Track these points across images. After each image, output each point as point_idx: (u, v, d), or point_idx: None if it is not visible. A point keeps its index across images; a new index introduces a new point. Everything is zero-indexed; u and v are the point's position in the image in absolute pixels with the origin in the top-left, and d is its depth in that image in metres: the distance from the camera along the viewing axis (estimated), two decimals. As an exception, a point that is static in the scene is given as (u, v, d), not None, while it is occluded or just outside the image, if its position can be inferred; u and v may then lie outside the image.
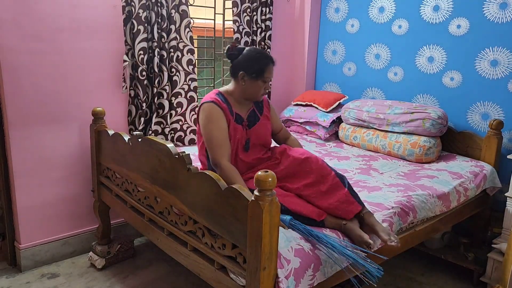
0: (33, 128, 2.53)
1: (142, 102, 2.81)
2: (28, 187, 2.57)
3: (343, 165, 2.80)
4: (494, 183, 2.79)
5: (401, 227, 2.13)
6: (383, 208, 2.08)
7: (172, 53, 2.91)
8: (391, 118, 3.03)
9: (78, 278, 2.60)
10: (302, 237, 1.74)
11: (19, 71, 2.41)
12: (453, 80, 3.07)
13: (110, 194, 2.53)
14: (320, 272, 1.72)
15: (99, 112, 2.53)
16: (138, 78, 2.77)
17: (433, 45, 3.14)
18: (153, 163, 2.04)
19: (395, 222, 2.06)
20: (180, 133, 3.08)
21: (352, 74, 3.69)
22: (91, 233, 2.87)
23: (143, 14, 2.69)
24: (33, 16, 2.40)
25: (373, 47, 3.50)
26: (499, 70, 2.85)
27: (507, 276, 2.22)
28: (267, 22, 3.46)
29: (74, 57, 2.60)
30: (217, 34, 3.48)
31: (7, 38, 2.33)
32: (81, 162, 2.75)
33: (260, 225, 1.44)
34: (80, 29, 2.59)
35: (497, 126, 2.76)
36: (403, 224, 2.12)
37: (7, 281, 2.54)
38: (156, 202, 2.10)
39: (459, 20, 2.99)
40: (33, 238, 2.65)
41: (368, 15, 3.51)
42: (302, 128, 3.60)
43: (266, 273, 1.50)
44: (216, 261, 1.73)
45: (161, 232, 2.07)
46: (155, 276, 2.64)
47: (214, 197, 1.68)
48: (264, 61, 2.05)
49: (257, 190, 1.46)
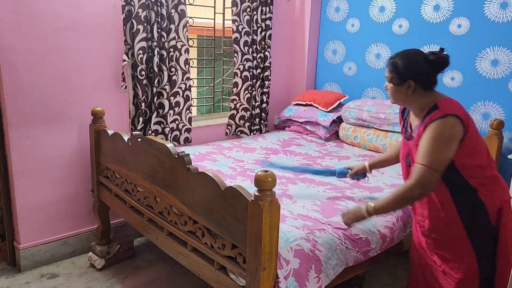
0: (33, 128, 2.52)
1: (141, 102, 2.80)
2: (28, 187, 2.57)
3: (343, 165, 2.79)
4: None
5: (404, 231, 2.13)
6: (387, 214, 2.08)
7: (172, 53, 2.91)
8: (391, 118, 3.02)
9: (77, 278, 2.59)
10: (302, 237, 1.73)
11: (18, 71, 2.40)
12: (454, 80, 3.07)
13: (110, 194, 2.53)
14: (324, 274, 1.71)
15: (98, 112, 2.53)
16: (137, 77, 2.77)
17: (434, 44, 3.13)
18: (152, 163, 2.04)
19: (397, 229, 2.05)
20: (176, 132, 3.08)
21: (353, 74, 3.68)
22: (91, 233, 2.87)
23: (143, 14, 2.68)
24: (32, 16, 2.39)
25: (373, 46, 3.50)
26: (500, 70, 2.84)
27: (507, 276, 2.22)
28: (267, 21, 3.46)
29: (73, 56, 2.59)
30: (217, 34, 3.48)
31: (7, 38, 2.33)
32: (81, 162, 2.75)
33: (260, 225, 1.44)
34: (79, 28, 2.58)
35: (498, 126, 2.76)
36: (404, 228, 2.12)
37: (6, 281, 2.54)
38: (155, 202, 2.09)
39: (460, 19, 2.98)
40: (32, 238, 2.65)
41: (369, 15, 3.50)
42: (302, 128, 3.59)
43: (266, 273, 1.49)
44: (216, 261, 1.73)
45: (160, 232, 2.07)
46: (155, 276, 2.64)
47: (214, 197, 1.67)
48: None
49: (257, 190, 1.45)
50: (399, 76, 1.71)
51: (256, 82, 3.52)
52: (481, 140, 1.70)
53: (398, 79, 1.71)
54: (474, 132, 1.66)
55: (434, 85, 1.73)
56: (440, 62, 1.70)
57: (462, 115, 1.63)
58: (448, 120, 1.61)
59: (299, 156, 2.98)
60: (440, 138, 1.61)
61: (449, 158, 1.62)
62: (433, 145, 1.61)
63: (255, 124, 3.60)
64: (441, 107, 1.66)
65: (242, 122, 3.51)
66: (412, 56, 1.71)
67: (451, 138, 1.61)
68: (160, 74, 2.88)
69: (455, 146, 1.62)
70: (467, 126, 1.63)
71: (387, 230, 2.00)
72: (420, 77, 1.69)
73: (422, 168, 1.61)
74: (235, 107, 3.47)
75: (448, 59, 1.71)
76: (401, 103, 1.81)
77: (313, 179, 2.48)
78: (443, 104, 1.67)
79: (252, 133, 3.59)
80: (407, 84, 1.70)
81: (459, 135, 1.62)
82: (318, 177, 2.49)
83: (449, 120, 1.61)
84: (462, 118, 1.62)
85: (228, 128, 3.48)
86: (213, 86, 3.60)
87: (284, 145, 3.26)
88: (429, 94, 1.72)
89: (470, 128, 1.64)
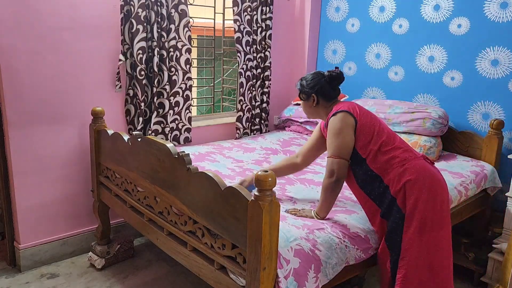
0: (33, 128, 2.52)
1: (140, 102, 2.80)
2: (28, 187, 2.57)
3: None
4: (495, 183, 2.78)
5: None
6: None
7: (172, 53, 2.90)
8: (391, 118, 3.02)
9: (77, 278, 2.59)
10: (302, 236, 1.73)
11: (18, 71, 2.40)
12: (454, 80, 3.07)
13: (110, 194, 2.53)
14: (322, 273, 1.71)
15: (98, 111, 2.52)
16: (136, 77, 2.77)
17: (434, 44, 3.14)
18: (152, 163, 2.04)
19: None
20: (176, 132, 3.08)
21: (353, 74, 3.68)
22: (91, 233, 2.87)
23: (142, 14, 2.68)
24: (32, 16, 2.39)
25: (373, 46, 3.50)
26: (500, 70, 2.84)
27: (507, 276, 2.22)
28: (267, 21, 3.46)
29: (73, 56, 2.59)
30: (217, 34, 3.48)
31: (7, 38, 2.33)
32: (81, 162, 2.75)
33: (260, 225, 1.44)
34: (79, 28, 2.58)
35: (498, 125, 2.76)
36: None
37: (6, 281, 2.54)
38: (155, 202, 2.09)
39: (460, 19, 2.98)
40: (32, 238, 2.65)
41: (369, 15, 3.50)
42: (302, 128, 3.59)
43: (266, 273, 1.49)
44: (216, 261, 1.72)
45: (160, 232, 2.07)
46: (154, 276, 2.64)
47: (214, 197, 1.67)
48: None
49: (257, 190, 1.45)
50: (304, 93, 2.06)
51: (256, 82, 3.52)
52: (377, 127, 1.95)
53: (304, 95, 2.07)
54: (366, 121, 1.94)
55: (335, 96, 2.07)
56: (334, 78, 2.05)
57: (351, 110, 1.94)
58: (338, 116, 1.93)
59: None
60: (334, 131, 1.92)
61: (349, 145, 1.91)
62: (330, 138, 1.93)
63: (255, 124, 3.60)
64: (334, 108, 1.99)
65: (247, 124, 3.51)
66: (313, 76, 2.07)
67: (343, 127, 1.91)
68: (160, 74, 2.88)
69: (350, 135, 1.91)
70: (357, 116, 1.93)
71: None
72: (320, 91, 2.03)
73: (328, 160, 1.93)
74: (242, 108, 3.45)
75: (342, 74, 2.06)
76: (311, 115, 2.14)
77: (312, 179, 2.48)
78: (337, 106, 2.00)
79: (253, 133, 3.59)
80: (312, 98, 2.04)
81: (351, 124, 1.92)
82: (316, 177, 2.50)
83: (339, 116, 1.93)
84: (351, 111, 1.93)
85: (237, 132, 3.46)
86: (213, 86, 3.60)
87: (284, 145, 3.26)
88: (332, 103, 2.05)
89: (361, 118, 1.93)
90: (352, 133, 1.92)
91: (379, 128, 1.95)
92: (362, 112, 1.97)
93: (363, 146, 1.92)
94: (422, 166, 1.89)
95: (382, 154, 1.90)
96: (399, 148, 1.92)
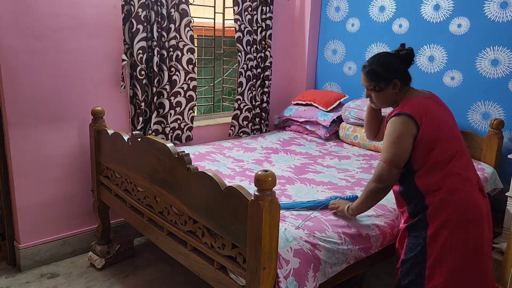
0: (33, 128, 2.52)
1: (140, 102, 2.80)
2: (28, 187, 2.57)
3: (344, 164, 2.80)
4: (496, 184, 2.78)
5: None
6: (386, 210, 2.08)
7: (172, 52, 2.90)
8: (391, 118, 3.01)
9: (77, 278, 2.59)
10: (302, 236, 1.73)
11: (18, 71, 2.40)
12: (454, 80, 3.07)
13: (110, 194, 2.53)
14: (320, 272, 1.71)
15: (98, 111, 2.52)
16: (136, 77, 2.77)
17: (434, 44, 3.13)
18: (152, 163, 2.04)
19: (397, 226, 2.05)
20: (178, 131, 3.08)
21: (353, 73, 3.68)
22: (91, 233, 2.87)
23: (143, 13, 2.68)
24: (32, 16, 2.39)
25: (373, 46, 3.50)
26: (500, 70, 2.84)
27: (507, 276, 2.22)
28: (267, 21, 3.46)
29: (73, 56, 2.59)
30: (216, 33, 3.48)
31: (7, 38, 2.33)
32: (81, 161, 2.74)
33: (260, 225, 1.44)
34: (79, 28, 2.58)
35: (498, 125, 2.76)
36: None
37: (6, 281, 2.54)
38: (155, 201, 2.09)
39: (460, 19, 2.98)
40: (32, 238, 2.65)
41: (369, 14, 3.50)
42: (303, 128, 3.59)
43: (266, 273, 1.49)
44: (216, 261, 1.73)
45: (160, 232, 2.07)
46: (154, 276, 2.64)
47: (214, 196, 1.67)
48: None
49: (257, 190, 1.45)
50: (384, 80, 1.81)
51: (256, 82, 3.52)
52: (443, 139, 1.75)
53: (383, 83, 1.82)
54: (429, 131, 1.73)
55: (411, 79, 1.85)
56: (409, 55, 1.83)
57: (416, 115, 1.73)
58: (400, 119, 1.74)
59: (300, 156, 2.98)
60: (393, 136, 1.74)
61: (405, 154, 1.74)
62: (387, 141, 1.76)
63: (256, 124, 3.60)
64: (400, 105, 1.80)
65: (245, 123, 3.50)
66: (384, 58, 1.84)
67: (403, 134, 1.72)
68: (160, 74, 2.88)
69: (409, 143, 1.73)
70: (420, 125, 1.72)
71: (386, 226, 2.00)
72: (401, 74, 1.82)
73: (379, 164, 1.79)
74: (239, 107, 3.46)
75: (412, 51, 1.83)
76: (389, 105, 1.90)
77: (313, 179, 2.48)
78: (402, 103, 1.80)
79: (253, 132, 3.59)
80: (392, 84, 1.81)
81: (411, 131, 1.72)
82: (318, 176, 2.49)
83: (401, 119, 1.74)
84: (416, 117, 1.72)
85: (231, 129, 3.47)
86: (213, 86, 3.60)
87: (284, 144, 3.26)
88: (408, 89, 1.85)
89: (425, 127, 1.72)
90: (411, 141, 1.73)
91: (444, 140, 1.74)
92: (428, 118, 1.73)
93: (417, 157, 1.74)
94: (471, 202, 1.73)
95: (435, 171, 1.72)
96: (456, 174, 1.72)
